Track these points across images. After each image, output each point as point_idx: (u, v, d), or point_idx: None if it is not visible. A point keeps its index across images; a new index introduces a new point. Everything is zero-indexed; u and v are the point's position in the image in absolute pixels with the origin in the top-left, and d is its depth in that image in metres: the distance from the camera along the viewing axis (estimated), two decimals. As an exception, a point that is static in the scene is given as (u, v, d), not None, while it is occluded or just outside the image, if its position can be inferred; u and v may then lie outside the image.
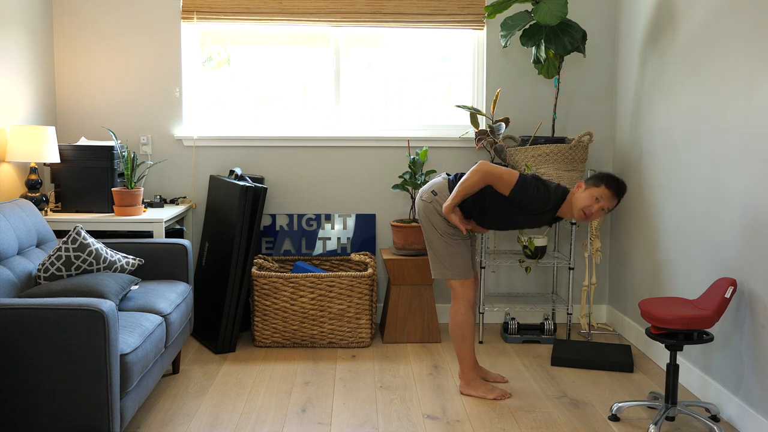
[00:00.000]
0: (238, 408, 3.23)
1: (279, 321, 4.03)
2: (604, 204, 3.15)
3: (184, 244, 3.63)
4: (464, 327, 3.36)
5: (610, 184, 3.16)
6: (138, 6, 4.38)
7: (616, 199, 3.17)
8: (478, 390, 3.37)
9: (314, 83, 4.64)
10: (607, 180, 3.17)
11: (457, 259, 3.32)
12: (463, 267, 3.33)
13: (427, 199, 3.34)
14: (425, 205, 3.34)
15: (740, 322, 3.05)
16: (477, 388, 3.38)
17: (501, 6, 3.98)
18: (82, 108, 4.42)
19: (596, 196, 3.14)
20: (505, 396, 3.36)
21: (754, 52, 2.95)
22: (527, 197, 3.16)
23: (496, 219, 3.31)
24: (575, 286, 4.60)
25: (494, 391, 3.36)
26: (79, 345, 2.47)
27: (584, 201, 3.15)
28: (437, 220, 3.30)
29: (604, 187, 3.15)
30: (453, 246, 3.31)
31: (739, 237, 3.05)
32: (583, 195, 3.17)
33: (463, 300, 3.35)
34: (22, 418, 2.49)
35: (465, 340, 3.37)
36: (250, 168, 4.50)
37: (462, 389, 3.42)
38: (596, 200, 3.14)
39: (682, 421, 3.13)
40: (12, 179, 3.86)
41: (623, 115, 4.37)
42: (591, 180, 3.21)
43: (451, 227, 3.29)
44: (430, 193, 3.34)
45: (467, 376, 3.40)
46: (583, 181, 3.22)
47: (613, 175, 3.21)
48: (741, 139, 3.04)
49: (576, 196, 3.19)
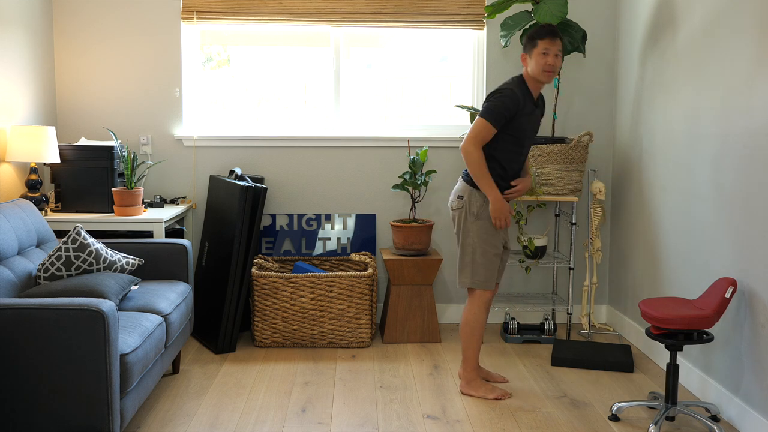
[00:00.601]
0: (238, 408, 3.23)
1: (279, 321, 4.03)
2: (551, 50, 3.21)
3: (184, 244, 3.63)
4: (474, 326, 3.36)
5: (539, 35, 3.22)
6: (138, 6, 4.38)
7: (555, 39, 3.23)
8: (479, 390, 3.38)
9: (314, 83, 4.64)
10: (535, 34, 3.24)
11: (484, 270, 3.32)
12: (489, 278, 3.33)
13: (457, 207, 3.35)
14: (457, 214, 3.35)
15: (740, 322, 3.05)
16: (477, 388, 3.38)
17: (501, 6, 3.98)
18: (82, 108, 4.42)
19: (541, 52, 3.21)
20: (505, 396, 3.36)
21: (754, 52, 2.95)
22: (504, 110, 3.18)
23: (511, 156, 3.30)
24: (575, 286, 4.60)
25: (494, 391, 3.36)
26: (79, 345, 2.47)
27: (537, 64, 3.21)
28: (472, 224, 3.30)
29: (538, 40, 3.22)
30: (485, 256, 3.30)
31: (739, 237, 3.05)
32: (533, 61, 3.22)
33: (480, 300, 3.36)
34: (22, 418, 2.49)
35: (473, 339, 3.37)
36: (250, 168, 4.50)
37: (462, 389, 3.42)
38: (543, 55, 3.20)
39: (682, 421, 3.13)
40: (12, 179, 3.86)
41: (623, 115, 4.37)
42: (525, 46, 3.27)
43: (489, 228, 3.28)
44: (457, 199, 3.35)
45: (469, 375, 3.40)
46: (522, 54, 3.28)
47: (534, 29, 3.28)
48: (741, 139, 3.04)
49: (529, 69, 3.25)
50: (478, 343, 3.38)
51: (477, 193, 3.30)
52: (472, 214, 3.30)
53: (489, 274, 3.34)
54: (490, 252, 3.32)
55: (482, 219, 3.29)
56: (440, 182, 4.54)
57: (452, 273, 4.60)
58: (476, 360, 3.40)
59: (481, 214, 3.29)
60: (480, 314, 3.36)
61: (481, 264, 3.32)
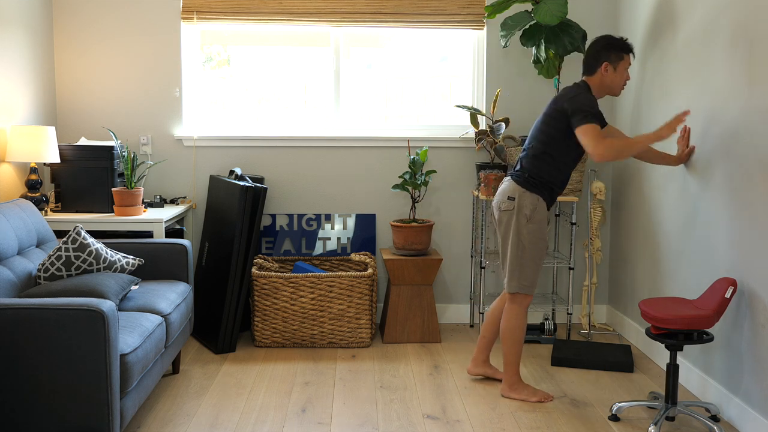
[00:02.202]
0: (238, 408, 3.23)
1: (279, 321, 4.03)
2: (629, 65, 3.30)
3: (184, 244, 3.63)
4: (516, 330, 3.33)
5: (629, 48, 3.26)
6: (138, 6, 4.38)
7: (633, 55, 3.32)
8: (521, 393, 3.35)
9: (314, 83, 4.64)
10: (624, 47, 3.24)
11: (533, 273, 3.27)
12: (535, 282, 3.30)
13: (507, 208, 3.26)
14: (506, 215, 3.26)
15: (740, 322, 3.05)
16: (520, 391, 3.35)
17: (501, 6, 3.98)
18: (82, 108, 4.42)
19: (626, 66, 3.26)
20: (548, 398, 3.33)
21: (753, 52, 2.94)
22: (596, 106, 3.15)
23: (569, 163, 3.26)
24: (575, 286, 4.60)
25: (537, 394, 3.33)
26: (79, 345, 2.47)
27: (621, 78, 3.25)
28: (523, 226, 3.23)
29: (627, 55, 3.25)
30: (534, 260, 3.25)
31: (739, 237, 3.05)
32: (617, 74, 3.24)
33: (522, 305, 3.32)
34: (22, 418, 2.49)
35: (515, 344, 3.33)
36: (250, 168, 4.50)
37: (503, 392, 3.38)
38: (627, 70, 3.27)
39: (682, 421, 3.13)
40: (12, 179, 3.86)
41: (623, 115, 4.37)
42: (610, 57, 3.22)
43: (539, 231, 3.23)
44: (507, 200, 3.26)
45: (511, 379, 3.37)
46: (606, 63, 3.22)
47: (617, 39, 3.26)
48: (741, 139, 3.03)
49: (609, 78, 3.23)
50: (520, 347, 3.34)
51: (528, 195, 3.22)
52: (524, 216, 3.22)
53: (535, 278, 3.29)
54: (539, 256, 3.27)
55: (533, 222, 3.22)
56: (440, 182, 4.54)
57: (452, 273, 4.61)
58: (518, 364, 3.36)
59: (533, 217, 3.22)
60: (522, 319, 3.33)
61: (530, 268, 3.27)
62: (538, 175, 3.23)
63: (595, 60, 3.24)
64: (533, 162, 3.24)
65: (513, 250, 3.27)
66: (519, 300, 3.32)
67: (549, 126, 3.22)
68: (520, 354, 3.37)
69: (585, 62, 3.29)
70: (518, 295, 3.32)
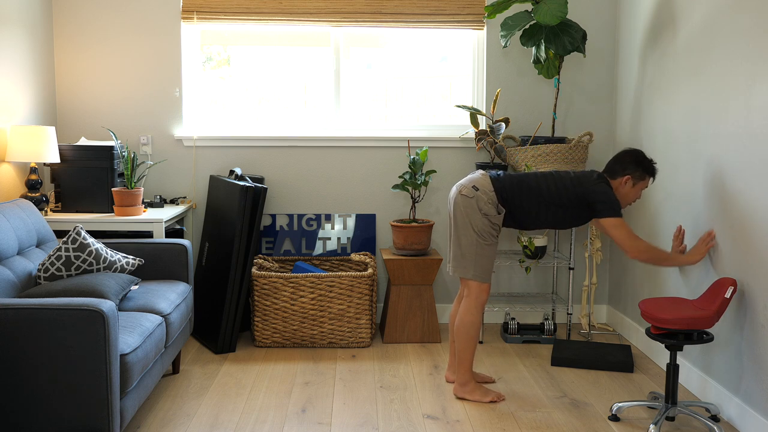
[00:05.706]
0: (238, 408, 3.23)
1: (279, 321, 4.03)
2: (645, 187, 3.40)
3: (184, 244, 3.63)
4: (471, 327, 3.32)
5: (654, 172, 3.34)
6: (138, 6, 4.38)
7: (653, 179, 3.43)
8: (474, 394, 3.33)
9: (314, 83, 4.64)
10: (651, 170, 3.33)
11: (485, 261, 3.28)
12: (488, 270, 3.30)
13: (468, 194, 3.25)
14: (465, 201, 3.25)
15: (740, 322, 3.05)
16: (472, 392, 3.34)
17: (501, 6, 3.98)
18: (82, 108, 4.42)
19: (644, 187, 3.36)
20: (500, 399, 3.33)
21: (754, 52, 2.95)
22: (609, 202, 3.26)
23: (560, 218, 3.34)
24: (575, 286, 4.60)
25: (489, 395, 3.33)
26: (79, 345, 2.47)
27: (635, 195, 3.35)
28: (477, 217, 3.23)
29: (651, 178, 3.36)
30: (485, 248, 3.26)
31: (739, 237, 3.05)
32: (634, 190, 3.34)
33: (477, 301, 3.31)
34: (22, 418, 2.49)
35: (470, 341, 3.33)
36: (250, 168, 4.50)
37: (456, 392, 3.37)
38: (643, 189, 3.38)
39: (682, 421, 3.13)
40: (12, 179, 3.86)
41: (623, 115, 4.37)
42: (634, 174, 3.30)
43: (491, 228, 3.26)
44: (471, 188, 3.25)
45: (463, 378, 3.36)
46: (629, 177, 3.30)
47: (648, 160, 3.33)
48: (741, 139, 3.04)
49: (625, 191, 3.33)
50: (474, 345, 3.34)
51: (494, 197, 3.24)
52: (480, 209, 3.24)
53: (490, 267, 3.30)
54: (490, 247, 3.27)
55: (489, 216, 3.24)
56: (440, 182, 4.54)
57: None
58: (471, 362, 3.35)
59: (488, 212, 3.24)
60: (477, 315, 3.32)
61: (484, 257, 3.27)
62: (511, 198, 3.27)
63: (621, 168, 3.32)
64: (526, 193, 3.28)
65: (467, 236, 3.26)
66: (474, 296, 3.30)
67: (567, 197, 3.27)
68: (474, 352, 3.34)
69: (610, 166, 3.35)
70: (473, 292, 3.30)
